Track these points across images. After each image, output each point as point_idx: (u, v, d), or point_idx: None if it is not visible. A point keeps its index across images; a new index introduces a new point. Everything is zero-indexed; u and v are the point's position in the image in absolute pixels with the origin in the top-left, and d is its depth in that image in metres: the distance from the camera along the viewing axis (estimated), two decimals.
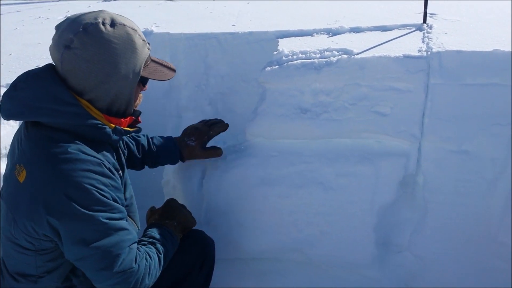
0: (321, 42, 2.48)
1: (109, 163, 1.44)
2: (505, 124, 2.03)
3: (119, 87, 1.40)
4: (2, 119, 1.97)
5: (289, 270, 2.31)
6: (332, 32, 2.72)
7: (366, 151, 2.20)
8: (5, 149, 2.01)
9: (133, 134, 1.92)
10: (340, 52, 2.25)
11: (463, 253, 2.15)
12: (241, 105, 2.81)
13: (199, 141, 2.14)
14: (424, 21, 2.71)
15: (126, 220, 1.46)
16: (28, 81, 1.37)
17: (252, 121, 2.31)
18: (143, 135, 2.07)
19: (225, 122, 2.23)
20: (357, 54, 2.20)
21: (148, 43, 1.48)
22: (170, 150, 2.09)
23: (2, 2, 5.57)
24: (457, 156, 2.10)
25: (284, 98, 2.25)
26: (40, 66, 1.45)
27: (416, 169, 2.17)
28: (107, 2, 5.12)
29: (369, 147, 2.21)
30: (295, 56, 2.31)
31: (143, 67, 1.45)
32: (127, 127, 1.52)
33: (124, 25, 1.38)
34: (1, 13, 4.76)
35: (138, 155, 1.99)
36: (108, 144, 1.50)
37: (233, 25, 3.20)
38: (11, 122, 2.03)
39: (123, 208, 1.44)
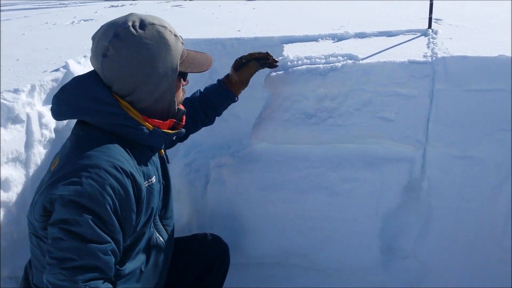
0: (326, 48, 2.49)
1: (138, 169, 1.43)
2: (509, 129, 2.02)
3: (160, 86, 1.43)
4: (3, 127, 2.01)
5: (293, 275, 2.31)
6: (337, 38, 2.73)
7: (371, 156, 2.21)
8: (6, 157, 2.03)
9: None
10: (345, 58, 2.25)
11: (467, 258, 2.14)
12: (246, 110, 2.82)
13: (233, 65, 2.11)
14: (429, 26, 2.71)
15: (115, 249, 1.33)
16: (74, 84, 1.44)
17: (257, 126, 2.31)
18: (196, 94, 2.09)
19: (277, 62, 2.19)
20: (362, 59, 2.20)
21: (181, 37, 1.50)
22: (226, 100, 2.10)
23: (10, 6, 5.63)
24: (461, 162, 2.09)
25: (289, 103, 2.26)
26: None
27: (421, 174, 2.17)
28: (114, 8, 5.17)
29: (374, 153, 2.21)
30: (300, 62, 2.32)
31: (180, 62, 1.47)
32: (168, 129, 1.52)
33: (153, 24, 1.41)
34: (9, 18, 4.81)
35: (199, 119, 2.05)
36: (148, 148, 1.50)
37: (239, 30, 3.22)
38: (12, 130, 2.07)
39: (117, 232, 1.33)
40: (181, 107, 1.62)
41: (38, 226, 1.36)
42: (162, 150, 1.69)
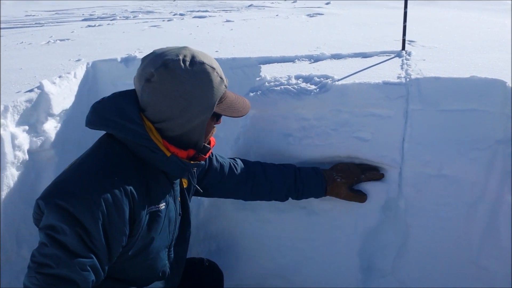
0: (303, 68, 2.52)
1: (145, 192, 1.46)
2: (483, 148, 2.06)
3: (191, 122, 1.47)
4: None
5: None
6: (314, 59, 2.76)
7: None
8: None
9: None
10: (322, 78, 2.28)
11: (445, 277, 2.16)
12: (224, 130, 2.81)
13: (347, 181, 2.10)
14: (403, 48, 2.77)
15: (97, 265, 1.34)
16: (111, 97, 1.50)
17: (235, 146, 2.31)
18: (291, 167, 2.08)
19: (381, 172, 2.18)
20: (338, 80, 2.23)
21: (226, 80, 1.54)
22: (317, 187, 2.08)
23: None
24: (437, 180, 2.12)
25: (267, 123, 2.26)
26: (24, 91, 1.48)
27: (398, 193, 2.19)
28: (91, 28, 5.14)
29: None
30: (277, 82, 2.33)
31: (218, 104, 1.51)
32: (188, 160, 1.53)
33: (203, 63, 1.45)
34: None
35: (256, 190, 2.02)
36: (163, 174, 1.53)
37: (216, 51, 3.23)
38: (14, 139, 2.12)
39: (102, 249, 1.35)
40: (212, 140, 1.66)
41: (35, 224, 1.40)
42: (185, 181, 1.71)
